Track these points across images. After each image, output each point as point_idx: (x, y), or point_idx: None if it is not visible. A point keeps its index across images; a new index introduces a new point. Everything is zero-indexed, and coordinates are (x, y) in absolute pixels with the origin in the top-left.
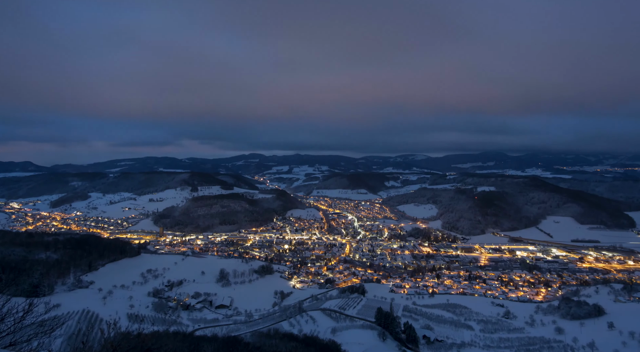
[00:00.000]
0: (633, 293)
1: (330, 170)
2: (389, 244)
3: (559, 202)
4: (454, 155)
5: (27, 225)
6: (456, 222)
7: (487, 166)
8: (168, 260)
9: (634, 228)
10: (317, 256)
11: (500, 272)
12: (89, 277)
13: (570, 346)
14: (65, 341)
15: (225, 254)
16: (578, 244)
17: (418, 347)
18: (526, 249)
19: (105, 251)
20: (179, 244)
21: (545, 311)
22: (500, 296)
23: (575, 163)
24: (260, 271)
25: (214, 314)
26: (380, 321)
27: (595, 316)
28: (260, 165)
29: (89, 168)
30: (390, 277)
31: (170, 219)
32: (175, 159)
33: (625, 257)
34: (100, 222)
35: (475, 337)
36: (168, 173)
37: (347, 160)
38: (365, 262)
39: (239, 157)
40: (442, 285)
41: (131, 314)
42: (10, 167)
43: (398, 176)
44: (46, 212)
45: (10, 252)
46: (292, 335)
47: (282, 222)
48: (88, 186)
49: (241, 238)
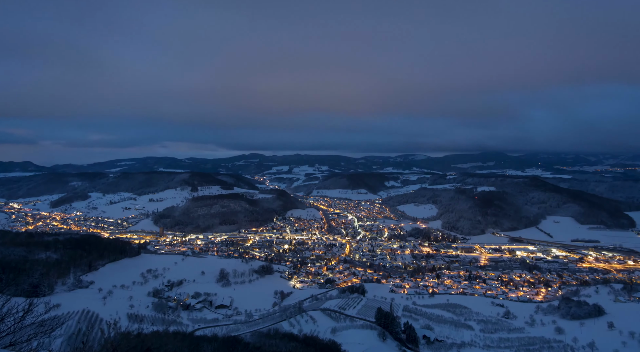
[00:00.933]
0: (633, 293)
1: (330, 171)
2: (389, 244)
3: (559, 202)
4: (454, 155)
5: (27, 225)
6: (456, 222)
7: (487, 166)
8: (168, 260)
9: (634, 228)
10: (317, 256)
11: (500, 272)
12: (89, 277)
13: (570, 346)
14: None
15: (225, 254)
16: (578, 244)
17: (418, 347)
18: (526, 249)
19: (105, 251)
20: (179, 244)
21: (545, 311)
22: (500, 296)
23: (575, 163)
24: (260, 271)
25: (214, 314)
26: (380, 321)
27: (595, 316)
28: (260, 165)
29: (89, 168)
30: (390, 277)
31: (170, 219)
32: (175, 159)
33: (625, 257)
34: (100, 222)
35: (475, 337)
36: (168, 173)
37: (347, 160)
38: (365, 262)
39: (239, 157)
40: (442, 285)
41: (131, 314)
42: (10, 167)
43: (398, 175)
44: (46, 212)
45: (10, 252)
46: (292, 335)
47: (282, 222)
48: (88, 186)
49: (241, 238)
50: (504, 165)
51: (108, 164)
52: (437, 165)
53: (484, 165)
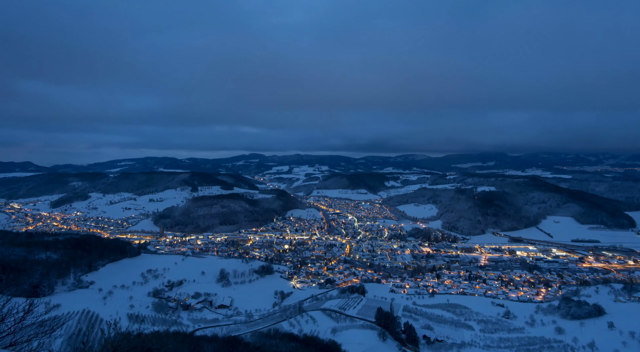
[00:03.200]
0: (633, 293)
1: (330, 171)
2: (389, 244)
3: (559, 202)
4: (454, 155)
5: (27, 225)
6: (456, 222)
7: (487, 166)
8: (168, 260)
9: (634, 228)
10: (317, 256)
11: (501, 272)
12: (89, 278)
13: (571, 345)
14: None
15: (225, 254)
16: (578, 244)
17: (418, 347)
18: (526, 249)
19: (106, 251)
20: (179, 244)
21: (546, 311)
22: (501, 296)
23: (575, 163)
24: (260, 271)
25: (214, 314)
26: (381, 321)
27: (595, 316)
28: (260, 165)
29: (89, 168)
30: (390, 277)
31: (170, 219)
32: (175, 159)
33: (625, 257)
34: (100, 223)
35: (475, 337)
36: (168, 173)
37: (347, 160)
38: (365, 262)
39: (239, 157)
40: (442, 285)
41: (131, 314)
42: (10, 167)
43: (398, 175)
44: (46, 213)
45: (11, 252)
46: (292, 335)
47: (282, 223)
48: (88, 186)
49: (241, 238)
50: (504, 165)
51: (108, 164)
52: (437, 165)
53: (484, 166)
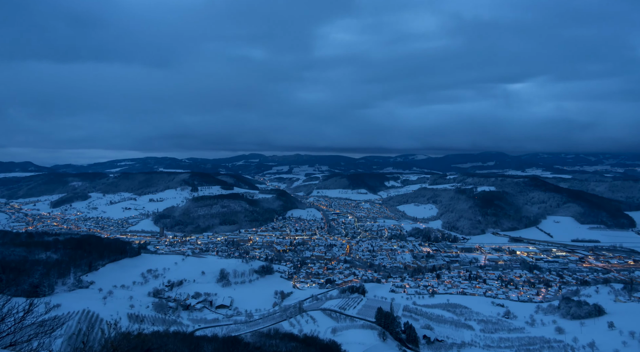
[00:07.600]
0: (633, 293)
1: (330, 171)
2: (389, 244)
3: (559, 202)
4: (454, 155)
5: (27, 225)
6: (456, 222)
7: (487, 166)
8: (168, 260)
9: (634, 228)
10: (317, 256)
11: (501, 272)
12: (89, 277)
13: (571, 345)
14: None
15: (225, 254)
16: (578, 243)
17: (418, 347)
18: (526, 249)
19: (106, 251)
20: (179, 244)
21: (546, 311)
22: (501, 296)
23: (575, 163)
24: (260, 271)
25: (214, 314)
26: (381, 321)
27: (595, 316)
28: (260, 165)
29: (89, 168)
30: (390, 277)
31: (171, 219)
32: (175, 159)
33: (625, 257)
34: (100, 223)
35: (475, 337)
36: (168, 173)
37: (347, 160)
38: (365, 262)
39: (239, 157)
40: (442, 285)
41: (131, 314)
42: (10, 167)
43: (398, 175)
44: (46, 213)
45: (11, 252)
46: (292, 335)
47: (283, 222)
48: (88, 186)
49: (241, 238)
50: (504, 165)
51: (108, 164)
52: (437, 165)
53: (484, 165)
